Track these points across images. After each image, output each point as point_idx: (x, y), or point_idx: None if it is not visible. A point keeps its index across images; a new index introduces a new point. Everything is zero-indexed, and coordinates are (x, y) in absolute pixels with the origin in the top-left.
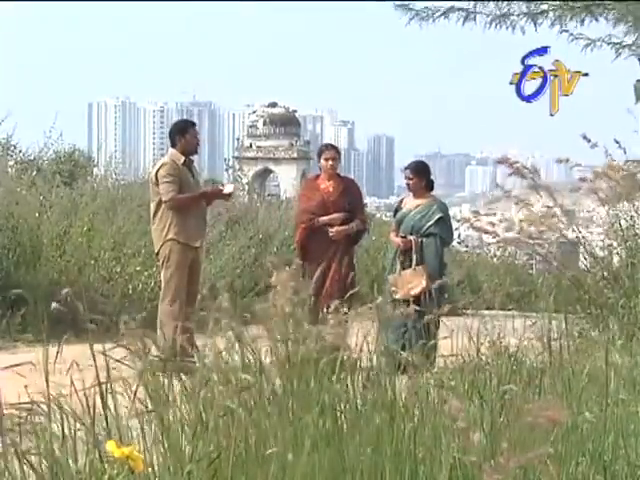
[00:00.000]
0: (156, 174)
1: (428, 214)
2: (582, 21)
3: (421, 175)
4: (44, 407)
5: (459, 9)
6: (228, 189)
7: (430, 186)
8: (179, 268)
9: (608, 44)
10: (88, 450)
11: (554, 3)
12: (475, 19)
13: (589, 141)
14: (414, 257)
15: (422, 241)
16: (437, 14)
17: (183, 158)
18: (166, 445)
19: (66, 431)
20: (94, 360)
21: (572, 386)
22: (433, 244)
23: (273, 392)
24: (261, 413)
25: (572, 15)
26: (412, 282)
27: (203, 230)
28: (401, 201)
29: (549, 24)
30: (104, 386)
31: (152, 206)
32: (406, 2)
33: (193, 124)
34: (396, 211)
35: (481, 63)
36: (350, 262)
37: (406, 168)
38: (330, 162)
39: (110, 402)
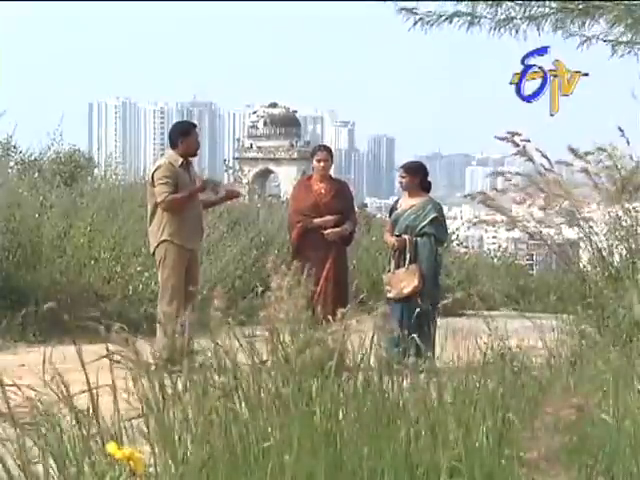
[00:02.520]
0: (152, 175)
1: (422, 214)
2: (583, 24)
3: (413, 174)
4: (47, 408)
5: (464, 14)
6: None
7: (426, 187)
8: (175, 269)
9: (604, 41)
10: (90, 451)
11: (554, 5)
12: (480, 23)
13: (576, 154)
14: (407, 256)
15: (417, 241)
16: (442, 19)
17: (181, 160)
18: (159, 447)
19: (69, 432)
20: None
21: (573, 387)
22: (428, 244)
23: (274, 393)
24: (259, 413)
25: (572, 18)
26: (404, 281)
27: (199, 233)
28: (397, 201)
29: (551, 28)
30: (104, 388)
31: (149, 207)
32: (408, 3)
33: (194, 126)
34: (392, 211)
35: (481, 63)
36: (344, 263)
37: (400, 167)
38: (322, 163)
39: (110, 404)
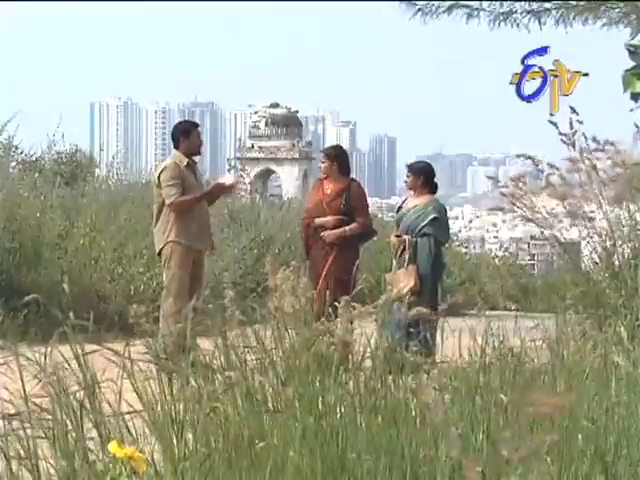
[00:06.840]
0: (159, 177)
1: (424, 214)
2: (586, 20)
3: (417, 174)
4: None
5: (463, 6)
6: (228, 180)
7: (431, 187)
8: (180, 269)
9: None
10: (90, 450)
11: (557, 2)
12: (479, 16)
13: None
14: (406, 257)
15: (417, 241)
16: (440, 10)
17: (186, 160)
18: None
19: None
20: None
21: (573, 387)
22: (427, 244)
23: (277, 391)
24: (260, 410)
25: (575, 14)
26: (403, 281)
27: (206, 233)
28: (404, 201)
29: (553, 23)
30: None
31: (155, 208)
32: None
33: (196, 125)
34: (398, 210)
35: (482, 64)
36: (344, 263)
37: (407, 166)
38: (320, 166)
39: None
